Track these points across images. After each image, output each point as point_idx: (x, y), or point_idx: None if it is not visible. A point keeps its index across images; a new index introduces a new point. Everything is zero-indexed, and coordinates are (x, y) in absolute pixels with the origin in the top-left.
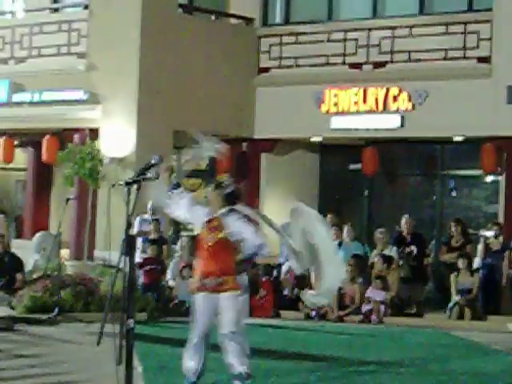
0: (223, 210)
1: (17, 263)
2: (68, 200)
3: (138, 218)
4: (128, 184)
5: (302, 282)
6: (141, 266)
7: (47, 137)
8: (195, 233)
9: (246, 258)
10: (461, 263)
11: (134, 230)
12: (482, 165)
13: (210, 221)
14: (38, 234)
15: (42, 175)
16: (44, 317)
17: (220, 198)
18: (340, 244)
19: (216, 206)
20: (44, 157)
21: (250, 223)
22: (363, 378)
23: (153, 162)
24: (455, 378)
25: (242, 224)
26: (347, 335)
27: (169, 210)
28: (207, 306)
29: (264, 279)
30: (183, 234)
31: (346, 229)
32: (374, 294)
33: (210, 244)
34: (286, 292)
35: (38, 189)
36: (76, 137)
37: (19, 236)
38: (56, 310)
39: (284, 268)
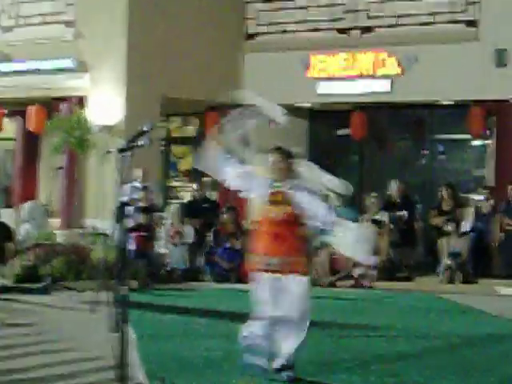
0: (291, 183)
1: (7, 232)
2: (58, 169)
3: (128, 186)
4: (121, 151)
5: None
6: (130, 231)
7: (35, 106)
8: (185, 200)
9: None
10: (450, 227)
11: (125, 198)
12: (470, 129)
13: (274, 193)
14: (27, 204)
15: (30, 145)
16: (36, 286)
17: (285, 168)
18: None
19: (281, 177)
20: (31, 126)
21: (319, 198)
22: (357, 341)
23: (144, 128)
24: (448, 342)
25: (313, 199)
26: (339, 300)
27: (225, 178)
28: (271, 289)
29: None
30: (173, 201)
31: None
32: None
33: (276, 219)
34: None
35: (26, 158)
36: (64, 106)
37: (8, 206)
38: (48, 278)
39: None
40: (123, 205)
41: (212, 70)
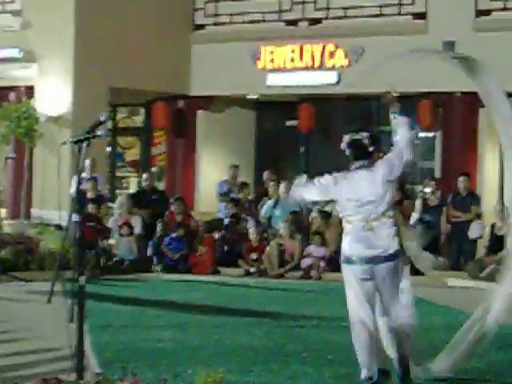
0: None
1: None
2: (7, 159)
3: (75, 177)
4: (77, 142)
5: None
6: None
7: None
8: (133, 191)
9: None
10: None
11: (72, 189)
12: (419, 121)
13: None
14: None
15: None
16: None
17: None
18: (277, 201)
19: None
20: None
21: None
22: (308, 332)
23: (102, 119)
24: None
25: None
26: (288, 291)
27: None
28: None
29: (205, 236)
30: (120, 191)
31: (282, 185)
32: (314, 249)
33: None
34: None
35: None
36: (12, 95)
37: None
38: None
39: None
40: (80, 195)
41: (160, 61)
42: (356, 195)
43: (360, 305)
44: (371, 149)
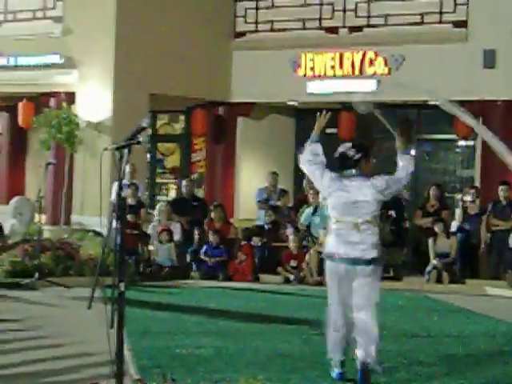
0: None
1: None
2: (48, 165)
3: (115, 183)
4: (119, 148)
5: None
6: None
7: (23, 101)
8: (173, 198)
9: None
10: (437, 228)
11: (112, 196)
12: (458, 129)
13: None
14: (14, 199)
15: (18, 140)
16: (25, 281)
17: None
18: (316, 208)
19: None
20: (19, 121)
21: None
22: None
23: (143, 125)
24: (437, 341)
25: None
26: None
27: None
28: None
29: (243, 243)
30: (160, 198)
31: (321, 194)
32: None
33: None
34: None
35: (13, 154)
36: (52, 101)
37: None
38: (36, 274)
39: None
40: (121, 201)
41: (200, 68)
42: (349, 198)
43: (336, 301)
44: (357, 156)
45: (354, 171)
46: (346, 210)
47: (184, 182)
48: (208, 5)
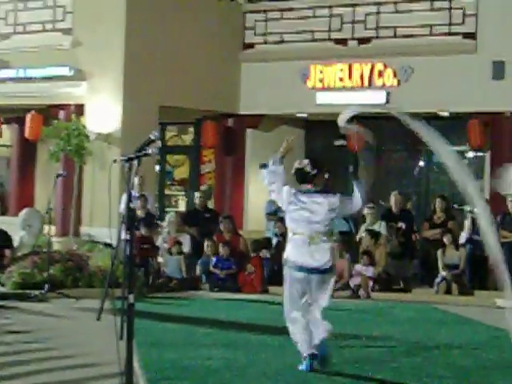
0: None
1: (6, 239)
2: (58, 176)
3: (125, 195)
4: (128, 160)
5: None
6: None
7: (31, 113)
8: (183, 209)
9: None
10: (446, 239)
11: (121, 207)
12: (469, 140)
13: None
14: (23, 211)
15: (27, 152)
16: (35, 293)
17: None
18: None
19: None
20: (28, 133)
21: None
22: (357, 352)
23: (152, 137)
24: (446, 353)
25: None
26: (336, 310)
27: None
28: None
29: (253, 255)
30: (169, 209)
31: None
32: (362, 269)
33: None
34: None
35: (22, 165)
36: (61, 113)
37: (4, 213)
38: (46, 286)
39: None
40: (130, 213)
41: (209, 80)
42: (304, 213)
43: (293, 303)
44: (314, 172)
45: (310, 186)
46: (301, 224)
47: (197, 194)
48: (217, 17)
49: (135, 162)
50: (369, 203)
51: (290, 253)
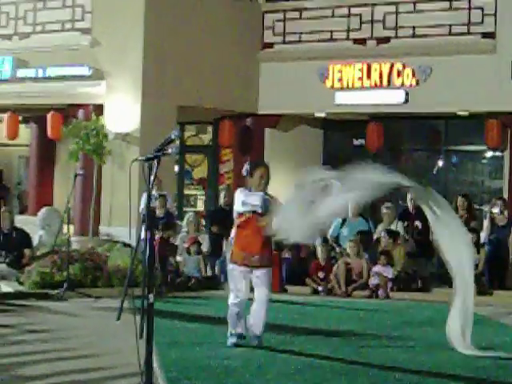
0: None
1: (25, 239)
2: (76, 176)
3: (144, 194)
4: (148, 159)
5: None
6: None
7: (51, 113)
8: (211, 208)
9: None
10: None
11: (141, 207)
12: (486, 140)
13: None
14: (42, 210)
15: (46, 151)
16: (53, 292)
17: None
18: (344, 220)
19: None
20: (48, 132)
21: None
22: (375, 351)
23: (172, 136)
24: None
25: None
26: (355, 310)
27: None
28: None
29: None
30: (188, 209)
31: (350, 205)
32: (381, 269)
33: None
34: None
35: (41, 165)
36: (80, 112)
37: (22, 212)
38: (65, 285)
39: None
40: (150, 213)
41: (228, 79)
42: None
43: (236, 293)
44: (244, 174)
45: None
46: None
47: (222, 193)
48: (236, 16)
49: (155, 162)
50: (387, 203)
51: (235, 249)
